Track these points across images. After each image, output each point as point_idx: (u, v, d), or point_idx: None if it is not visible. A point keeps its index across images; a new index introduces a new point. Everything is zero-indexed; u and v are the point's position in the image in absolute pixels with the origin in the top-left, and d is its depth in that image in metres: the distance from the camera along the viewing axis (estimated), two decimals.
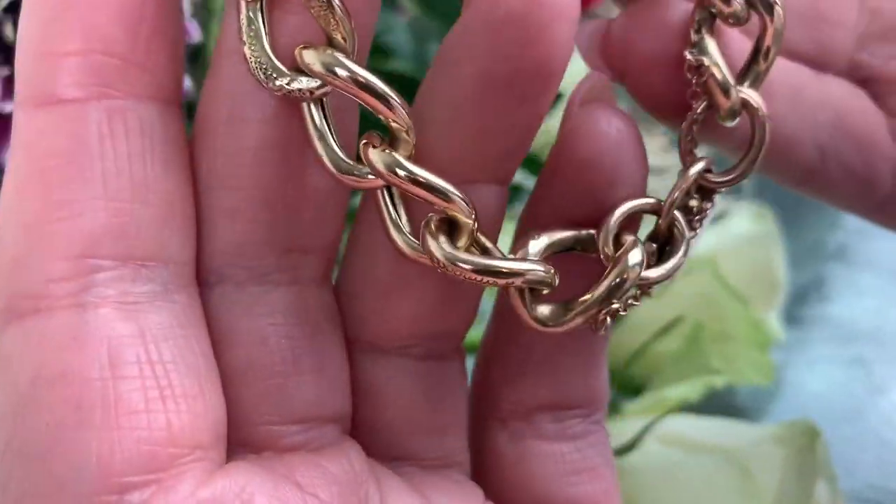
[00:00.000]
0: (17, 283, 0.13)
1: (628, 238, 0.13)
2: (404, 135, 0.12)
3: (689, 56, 0.14)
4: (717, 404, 0.26)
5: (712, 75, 0.14)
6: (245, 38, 0.12)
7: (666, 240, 0.14)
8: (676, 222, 0.14)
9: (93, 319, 0.13)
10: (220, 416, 0.14)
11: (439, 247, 0.13)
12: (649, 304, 0.28)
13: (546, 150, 0.35)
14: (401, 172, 0.12)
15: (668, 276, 0.14)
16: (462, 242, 0.13)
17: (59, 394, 0.13)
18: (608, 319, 0.13)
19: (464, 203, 0.13)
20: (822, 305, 0.38)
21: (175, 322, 0.13)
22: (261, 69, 0.12)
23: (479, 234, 0.13)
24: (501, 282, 0.13)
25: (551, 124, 0.15)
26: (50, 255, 0.13)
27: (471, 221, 0.13)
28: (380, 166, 0.12)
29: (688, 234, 0.14)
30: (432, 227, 0.13)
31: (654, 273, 0.13)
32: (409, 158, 0.12)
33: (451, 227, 0.13)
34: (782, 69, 0.17)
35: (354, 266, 0.15)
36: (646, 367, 0.28)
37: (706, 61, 0.14)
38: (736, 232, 0.29)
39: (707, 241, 0.29)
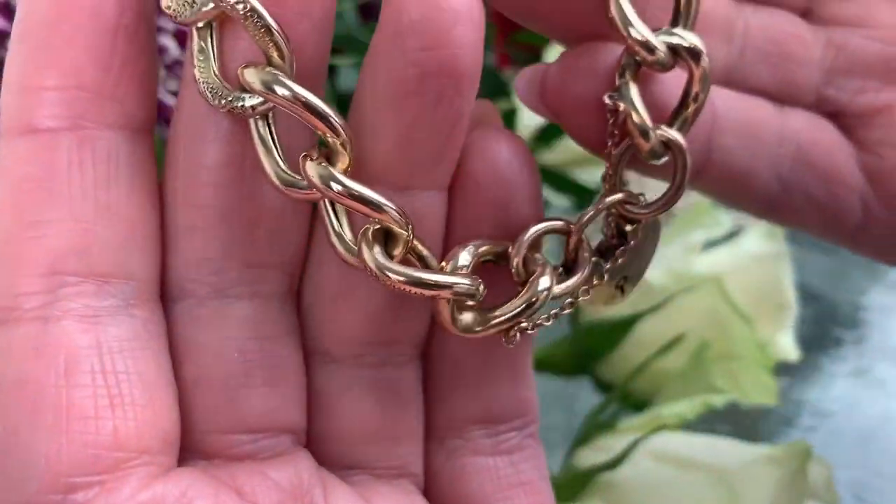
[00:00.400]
0: None
1: (539, 261, 0.14)
2: (341, 148, 0.13)
3: (606, 100, 0.15)
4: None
5: (631, 119, 0.15)
6: (195, 62, 0.13)
7: (573, 260, 0.15)
8: (581, 245, 0.15)
9: (54, 331, 0.13)
10: (170, 425, 0.14)
11: (373, 256, 0.13)
12: (654, 320, 0.28)
13: (572, 166, 0.35)
14: (334, 186, 0.13)
15: (569, 294, 0.15)
16: (398, 251, 0.14)
17: (16, 398, 0.14)
18: (517, 335, 0.15)
19: (396, 213, 0.13)
20: (861, 324, 0.38)
21: (133, 335, 0.14)
22: (208, 89, 0.13)
23: (416, 242, 0.14)
24: (429, 293, 0.14)
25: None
26: (19, 270, 0.14)
27: (405, 232, 0.13)
28: (315, 179, 0.13)
29: (590, 256, 0.15)
30: (368, 236, 0.13)
31: (557, 289, 0.15)
32: (346, 170, 0.13)
33: (388, 237, 0.14)
34: (736, 104, 0.17)
35: (309, 276, 0.15)
36: (650, 384, 0.28)
37: (622, 106, 0.15)
38: (745, 250, 0.28)
39: (715, 259, 0.29)
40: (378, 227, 0.13)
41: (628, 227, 0.16)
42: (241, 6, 0.12)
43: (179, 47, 0.23)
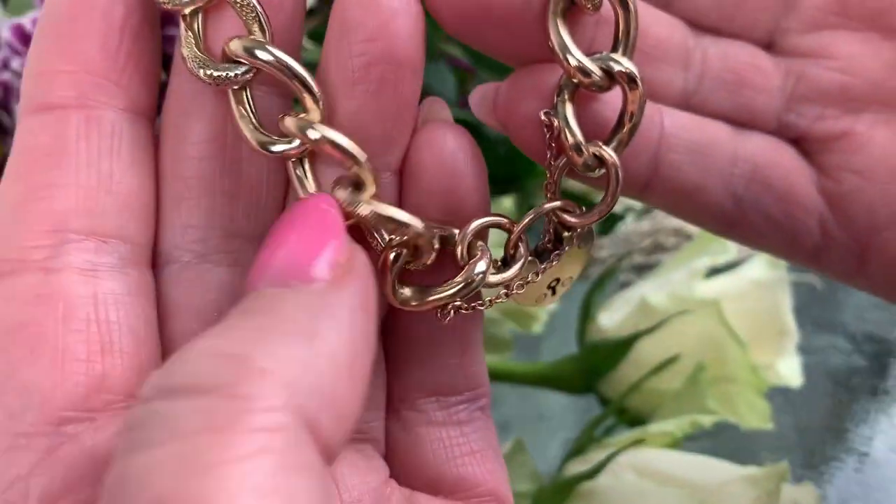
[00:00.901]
0: (1, 249, 0.15)
1: (480, 247, 0.16)
2: (313, 105, 0.15)
3: (542, 116, 0.16)
4: None
5: (563, 135, 0.16)
6: (184, 42, 0.15)
7: (512, 256, 0.17)
8: (521, 243, 0.17)
9: (55, 280, 0.15)
10: (151, 371, 0.15)
11: (346, 194, 0.15)
12: (652, 341, 0.29)
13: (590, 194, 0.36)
14: (311, 133, 0.15)
15: (503, 284, 0.17)
16: (365, 196, 0.15)
17: (17, 340, 0.15)
18: (451, 312, 0.16)
19: (365, 160, 0.15)
20: None
21: (125, 291, 0.16)
22: (197, 63, 0.15)
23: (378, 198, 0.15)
24: (392, 227, 0.15)
25: None
26: (27, 227, 0.15)
27: (372, 177, 0.15)
28: (293, 129, 0.15)
29: (526, 254, 0.17)
30: (343, 182, 0.15)
31: (493, 278, 0.16)
32: (321, 122, 0.15)
33: (356, 188, 0.15)
34: (687, 124, 0.18)
35: None
36: (648, 403, 0.29)
37: (556, 123, 0.16)
38: (746, 277, 0.29)
39: (717, 284, 0.29)
40: (348, 176, 0.15)
41: (565, 234, 0.17)
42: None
43: None
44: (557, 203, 0.17)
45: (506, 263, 0.17)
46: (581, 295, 0.33)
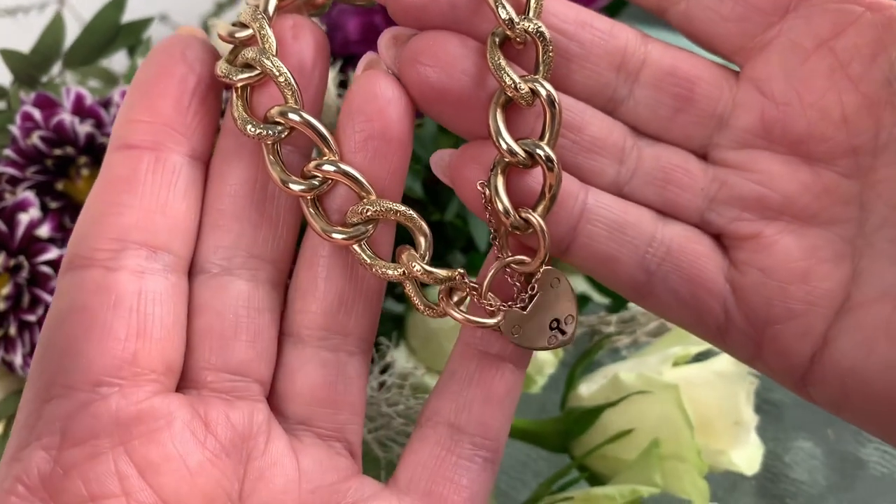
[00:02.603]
0: (78, 247, 0.19)
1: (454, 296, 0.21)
2: (329, 153, 0.20)
3: (478, 186, 0.20)
4: None
5: (493, 202, 0.20)
6: (235, 106, 0.20)
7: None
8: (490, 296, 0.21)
9: (112, 277, 0.19)
10: (175, 357, 0.20)
11: (321, 224, 0.20)
12: (617, 413, 0.33)
13: None
14: (327, 167, 0.20)
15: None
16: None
17: (78, 317, 0.18)
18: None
19: (366, 184, 0.20)
20: None
21: (165, 291, 0.19)
22: (243, 122, 0.20)
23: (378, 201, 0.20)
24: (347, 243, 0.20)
25: None
26: (99, 234, 0.19)
27: (372, 195, 0.20)
28: (311, 167, 0.20)
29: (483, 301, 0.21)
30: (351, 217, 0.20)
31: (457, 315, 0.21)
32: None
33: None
34: (611, 204, 0.21)
35: (293, 276, 0.21)
36: (610, 467, 0.32)
37: (487, 192, 0.20)
38: (711, 369, 0.32)
39: (681, 371, 0.32)
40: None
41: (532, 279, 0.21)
42: (281, 78, 0.19)
43: None
44: (510, 258, 0.21)
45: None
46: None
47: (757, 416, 0.33)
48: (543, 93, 0.20)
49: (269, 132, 0.20)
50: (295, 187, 0.20)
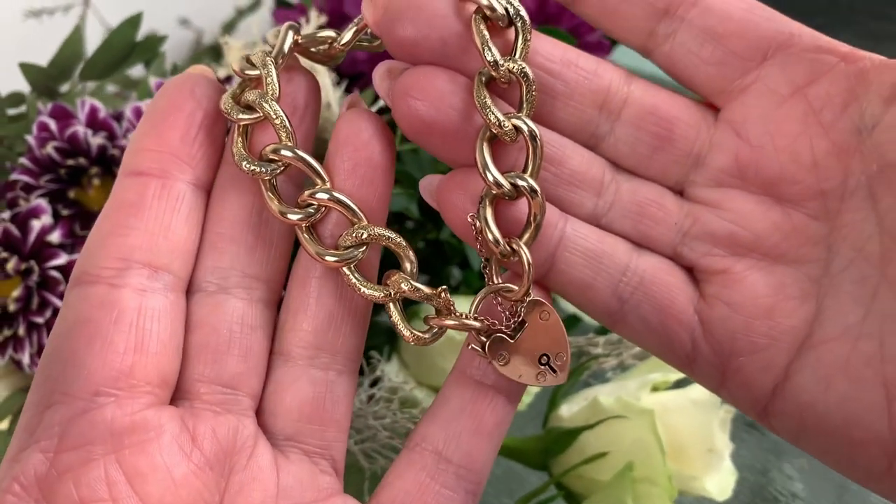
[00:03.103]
0: (86, 263, 0.21)
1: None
2: (321, 183, 0.21)
3: (468, 218, 0.21)
4: None
5: (484, 233, 0.21)
6: (234, 143, 0.21)
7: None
8: (466, 319, 0.22)
9: (115, 294, 0.20)
10: (170, 370, 0.21)
11: (321, 249, 0.21)
12: (594, 435, 0.34)
13: None
14: (320, 195, 0.21)
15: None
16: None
17: (81, 330, 0.20)
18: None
19: (358, 210, 0.21)
20: None
21: (163, 309, 0.20)
22: (240, 159, 0.21)
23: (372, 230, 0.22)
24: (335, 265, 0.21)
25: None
26: (106, 253, 0.20)
27: (364, 221, 0.21)
28: (305, 195, 0.21)
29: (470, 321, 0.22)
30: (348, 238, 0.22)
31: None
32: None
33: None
34: (589, 234, 0.22)
35: (285, 296, 0.23)
36: (585, 487, 0.34)
37: (477, 223, 0.21)
38: (687, 396, 0.33)
39: (658, 397, 0.33)
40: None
41: (519, 307, 0.22)
42: (277, 120, 0.21)
43: None
44: (497, 285, 0.22)
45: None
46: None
47: (746, 433, 0.34)
48: (526, 129, 0.21)
49: (263, 169, 0.21)
50: (293, 217, 0.21)
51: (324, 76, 0.38)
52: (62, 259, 0.35)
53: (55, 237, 0.35)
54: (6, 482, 0.19)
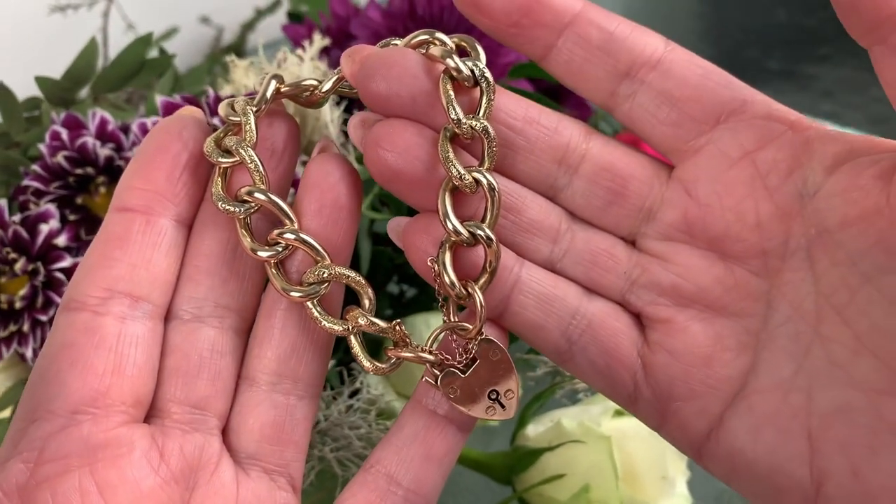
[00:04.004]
0: (74, 291, 0.22)
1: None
2: (290, 224, 0.23)
3: (428, 262, 0.23)
4: None
5: (441, 276, 0.22)
6: (213, 184, 0.23)
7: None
8: (422, 353, 0.23)
9: (98, 321, 0.22)
10: (144, 392, 0.22)
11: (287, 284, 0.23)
12: (555, 456, 0.35)
13: None
14: (288, 235, 0.23)
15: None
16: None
17: (65, 353, 0.21)
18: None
19: (321, 249, 0.23)
20: None
21: (141, 335, 0.22)
22: (217, 198, 0.23)
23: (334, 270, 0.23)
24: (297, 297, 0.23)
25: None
26: (91, 282, 0.22)
27: (327, 259, 0.23)
28: (275, 234, 0.23)
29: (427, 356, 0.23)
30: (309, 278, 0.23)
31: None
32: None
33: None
34: (543, 279, 0.23)
35: (254, 325, 0.24)
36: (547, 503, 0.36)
37: (436, 267, 0.23)
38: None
39: (617, 423, 0.35)
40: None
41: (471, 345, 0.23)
42: (252, 165, 0.22)
43: None
44: (452, 323, 0.23)
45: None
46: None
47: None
48: (485, 183, 0.22)
49: (238, 209, 0.23)
50: (262, 254, 0.23)
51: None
52: (67, 261, 0.37)
53: (62, 240, 0.37)
54: None
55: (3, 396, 0.38)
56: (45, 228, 0.37)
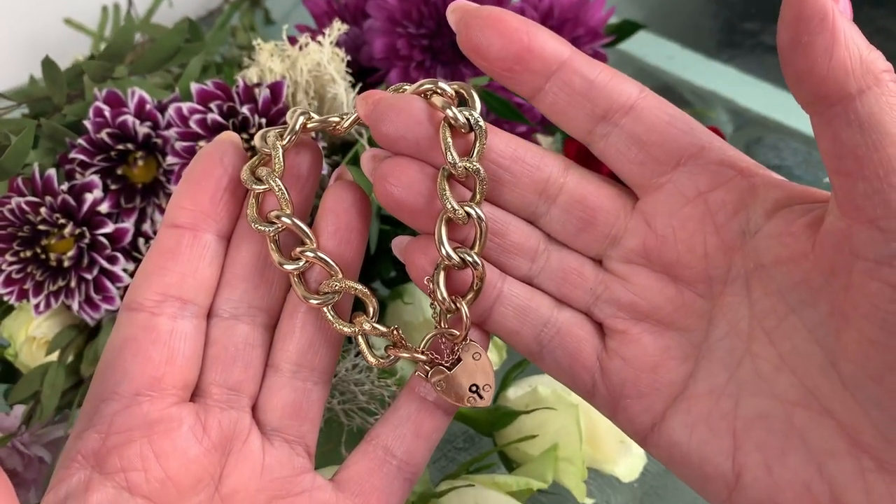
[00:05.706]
0: (134, 294, 0.26)
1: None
2: (310, 242, 0.26)
3: (424, 281, 0.26)
4: None
5: (434, 293, 0.26)
6: (248, 206, 0.27)
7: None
8: (415, 353, 0.27)
9: (154, 320, 0.26)
10: (191, 377, 0.26)
11: (307, 293, 0.27)
12: (530, 418, 0.41)
13: None
14: (308, 254, 0.26)
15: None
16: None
17: (127, 346, 0.25)
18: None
19: (334, 264, 0.26)
20: None
21: (189, 332, 0.26)
22: (251, 219, 0.26)
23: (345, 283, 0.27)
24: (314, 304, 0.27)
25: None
26: (148, 287, 0.26)
27: (338, 274, 0.27)
28: (297, 251, 0.27)
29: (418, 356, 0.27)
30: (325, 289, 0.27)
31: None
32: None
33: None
34: (520, 292, 0.26)
35: (278, 323, 0.28)
36: (519, 457, 0.41)
37: (431, 285, 0.26)
38: None
39: None
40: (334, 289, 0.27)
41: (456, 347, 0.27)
42: (279, 193, 0.26)
43: None
44: (443, 329, 0.27)
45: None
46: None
47: None
48: (475, 216, 0.26)
49: (267, 229, 0.27)
50: (288, 267, 0.27)
51: (339, 84, 0.44)
52: (109, 227, 0.42)
53: (104, 207, 0.42)
54: (72, 452, 0.25)
55: (52, 341, 0.44)
56: (89, 197, 0.41)
